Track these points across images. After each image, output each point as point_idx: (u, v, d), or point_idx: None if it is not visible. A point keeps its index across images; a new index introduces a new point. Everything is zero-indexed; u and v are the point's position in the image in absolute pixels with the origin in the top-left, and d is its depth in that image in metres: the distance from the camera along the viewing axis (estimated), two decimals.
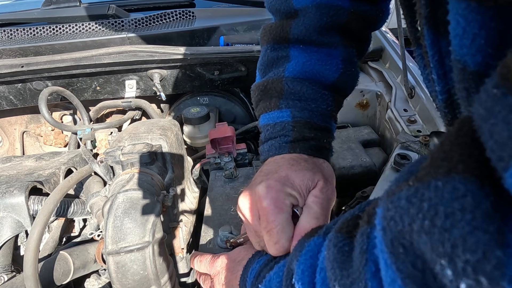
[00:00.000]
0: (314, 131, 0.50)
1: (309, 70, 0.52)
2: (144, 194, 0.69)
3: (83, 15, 1.40)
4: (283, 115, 0.51)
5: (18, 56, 1.21)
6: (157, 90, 1.16)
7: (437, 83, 0.33)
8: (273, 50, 0.54)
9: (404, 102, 0.98)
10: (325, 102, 0.52)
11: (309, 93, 0.51)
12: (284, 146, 0.50)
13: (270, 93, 0.52)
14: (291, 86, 0.51)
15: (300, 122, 0.50)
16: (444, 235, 0.20)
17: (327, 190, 0.46)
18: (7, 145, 1.39)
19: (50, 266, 0.71)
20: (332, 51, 0.53)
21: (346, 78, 0.54)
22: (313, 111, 0.51)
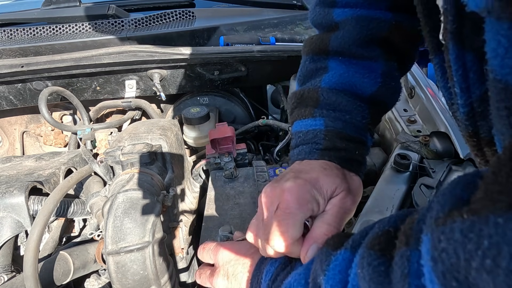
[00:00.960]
0: (346, 142, 0.50)
1: (346, 81, 0.51)
2: (144, 194, 0.69)
3: (83, 15, 1.40)
4: (316, 124, 0.51)
5: (18, 56, 1.21)
6: (157, 90, 1.16)
7: (459, 97, 0.33)
8: (312, 61, 0.54)
9: (404, 102, 0.98)
10: (361, 114, 0.52)
11: (344, 104, 0.51)
12: (314, 152, 0.50)
13: (306, 101, 0.52)
14: (326, 96, 0.51)
15: (332, 131, 0.50)
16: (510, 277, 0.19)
17: (347, 201, 0.46)
18: (7, 145, 1.39)
19: (50, 266, 0.71)
20: (372, 64, 0.52)
21: (385, 92, 0.53)
22: (347, 122, 0.51)
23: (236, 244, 0.54)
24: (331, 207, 0.45)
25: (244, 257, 0.51)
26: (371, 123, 0.54)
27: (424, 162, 0.76)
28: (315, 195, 0.44)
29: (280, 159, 1.11)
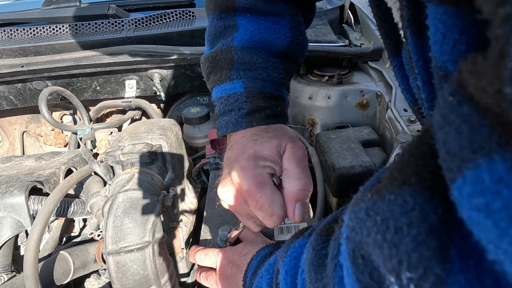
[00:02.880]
0: (267, 100, 0.50)
1: (258, 38, 0.51)
2: (144, 194, 0.69)
3: (83, 15, 1.40)
4: (235, 87, 0.50)
5: (18, 56, 1.21)
6: (157, 90, 1.16)
7: (422, 90, 0.31)
8: (219, 19, 0.53)
9: (404, 102, 0.98)
10: (276, 70, 0.52)
11: (260, 62, 0.50)
12: (241, 121, 0.49)
13: (220, 64, 0.51)
14: (240, 55, 0.50)
15: (253, 92, 0.49)
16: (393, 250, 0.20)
17: (297, 149, 0.47)
18: (7, 145, 1.39)
19: (50, 266, 0.71)
20: (280, 20, 0.52)
21: (295, 47, 0.54)
22: (265, 80, 0.51)
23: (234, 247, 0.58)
24: (288, 162, 0.46)
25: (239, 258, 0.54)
26: (286, 78, 0.54)
27: None
28: (263, 164, 0.45)
29: None
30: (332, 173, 0.85)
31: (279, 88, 0.52)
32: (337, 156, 0.87)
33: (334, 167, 0.85)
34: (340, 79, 1.11)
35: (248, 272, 0.49)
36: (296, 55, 0.56)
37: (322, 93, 1.09)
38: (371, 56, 1.19)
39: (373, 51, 1.18)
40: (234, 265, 0.54)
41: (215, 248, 0.61)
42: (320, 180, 0.82)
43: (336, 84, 1.11)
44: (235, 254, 0.56)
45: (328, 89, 1.09)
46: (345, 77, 1.15)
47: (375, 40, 1.24)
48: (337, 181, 0.84)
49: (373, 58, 1.19)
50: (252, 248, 0.54)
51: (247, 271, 0.50)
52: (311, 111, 1.12)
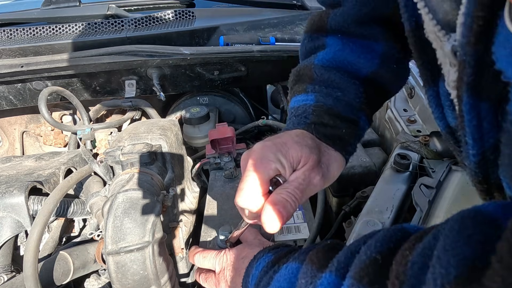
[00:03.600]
0: (334, 119, 0.48)
1: (340, 60, 0.50)
2: (144, 194, 0.69)
3: (83, 15, 1.40)
4: (308, 99, 0.50)
5: (18, 56, 1.21)
6: (157, 90, 1.16)
7: (471, 147, 0.31)
8: (310, 40, 0.53)
9: (404, 102, 0.98)
10: (354, 93, 0.50)
11: (337, 81, 0.49)
12: (301, 123, 0.49)
13: (302, 78, 0.52)
14: (319, 73, 0.50)
15: (321, 106, 0.48)
16: None
17: (313, 175, 0.44)
18: (7, 145, 1.39)
19: (50, 266, 0.71)
20: (371, 44, 0.50)
21: (385, 74, 0.52)
22: (338, 99, 0.49)
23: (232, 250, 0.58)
24: (294, 179, 0.43)
25: (237, 261, 0.55)
26: (367, 104, 0.52)
27: (424, 162, 0.76)
28: (279, 157, 0.43)
29: None
30: None
31: (354, 111, 0.50)
32: None
33: None
34: None
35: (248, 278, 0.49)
36: (385, 82, 0.53)
37: None
38: None
39: None
40: (232, 268, 0.55)
41: (214, 250, 0.61)
42: None
43: None
44: (233, 257, 0.56)
45: None
46: None
47: None
48: (337, 181, 0.84)
49: None
50: (250, 252, 0.54)
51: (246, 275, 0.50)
52: None
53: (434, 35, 0.33)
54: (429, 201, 0.65)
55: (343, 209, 0.79)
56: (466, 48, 0.27)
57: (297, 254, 0.44)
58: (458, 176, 0.68)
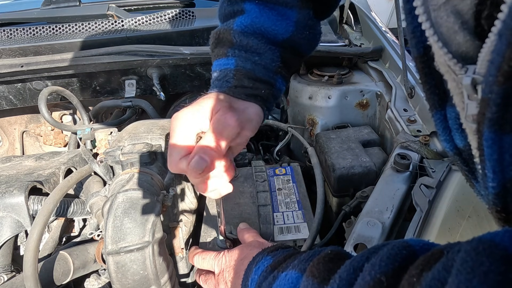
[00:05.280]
0: (252, 81, 0.53)
1: (258, 26, 0.54)
2: (144, 194, 0.69)
3: (83, 15, 1.40)
4: (228, 63, 0.54)
5: (18, 56, 1.21)
6: (157, 90, 1.16)
7: (491, 180, 0.31)
8: (229, 4, 0.56)
9: (404, 102, 0.98)
10: (270, 57, 0.55)
11: (255, 47, 0.54)
12: (223, 86, 0.54)
13: (223, 42, 0.55)
14: (238, 39, 0.54)
15: (241, 70, 0.53)
16: None
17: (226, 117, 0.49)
18: (7, 145, 1.39)
19: (50, 266, 0.71)
20: (286, 11, 0.54)
21: (299, 40, 0.56)
22: (256, 63, 0.54)
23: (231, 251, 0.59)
24: (211, 124, 0.49)
25: (236, 263, 0.55)
26: (283, 67, 0.56)
27: (424, 162, 0.76)
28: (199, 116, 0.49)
29: (280, 159, 1.11)
30: (332, 173, 0.85)
31: (271, 74, 0.55)
32: (337, 156, 0.87)
33: (334, 167, 0.85)
34: (340, 79, 1.11)
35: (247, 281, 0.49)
36: (299, 48, 0.57)
37: (322, 93, 1.09)
38: (371, 56, 1.19)
39: (373, 51, 1.18)
40: (231, 270, 0.55)
41: (213, 252, 0.62)
42: (320, 180, 0.82)
43: (336, 84, 1.11)
44: (232, 258, 0.57)
45: (328, 89, 1.09)
46: (345, 77, 1.15)
47: (375, 40, 1.24)
48: (337, 181, 0.84)
49: (373, 58, 1.19)
50: (249, 253, 0.54)
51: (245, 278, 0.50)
52: (311, 111, 1.12)
53: (447, 68, 0.32)
54: (429, 201, 0.65)
55: (343, 209, 0.79)
56: (493, 87, 0.26)
57: (296, 261, 0.43)
58: (458, 176, 0.68)
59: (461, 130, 0.36)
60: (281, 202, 0.82)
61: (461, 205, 0.63)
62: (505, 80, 0.25)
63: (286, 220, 0.77)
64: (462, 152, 0.37)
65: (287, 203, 0.82)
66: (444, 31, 0.30)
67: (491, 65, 0.26)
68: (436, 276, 0.26)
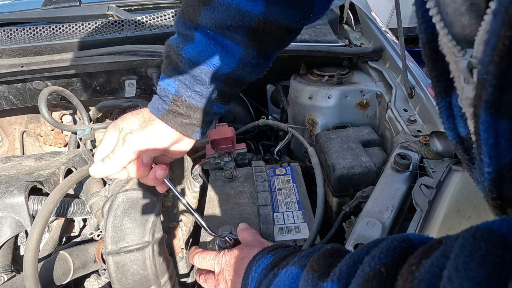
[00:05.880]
0: (188, 110, 0.59)
1: (203, 59, 0.57)
2: (144, 194, 0.69)
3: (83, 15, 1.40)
4: (170, 85, 0.59)
5: (18, 56, 1.21)
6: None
7: (487, 164, 0.31)
8: (182, 25, 0.57)
9: (404, 102, 0.98)
10: (211, 88, 0.59)
11: (197, 77, 0.57)
12: (159, 110, 0.60)
13: (171, 59, 0.59)
14: (184, 65, 0.57)
15: (179, 99, 0.58)
16: None
17: None
18: (7, 145, 1.39)
19: (50, 266, 0.71)
20: (233, 46, 0.56)
21: (241, 73, 0.59)
22: (195, 92, 0.58)
23: (231, 250, 0.59)
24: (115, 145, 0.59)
25: (236, 262, 0.56)
26: (222, 96, 0.61)
27: (424, 162, 0.76)
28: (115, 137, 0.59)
29: (280, 159, 1.11)
30: (332, 173, 0.85)
31: (207, 103, 0.60)
32: (337, 156, 0.87)
33: (334, 167, 0.85)
34: (340, 79, 1.11)
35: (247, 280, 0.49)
36: (241, 79, 0.60)
37: (322, 93, 1.09)
38: (371, 56, 1.19)
39: (373, 51, 1.18)
40: (231, 269, 0.55)
41: (213, 251, 0.62)
42: (320, 180, 0.82)
43: (336, 84, 1.11)
44: (232, 258, 0.57)
45: (328, 89, 1.09)
46: (345, 77, 1.15)
47: (375, 40, 1.24)
48: (337, 181, 0.84)
49: (373, 58, 1.19)
50: (249, 252, 0.54)
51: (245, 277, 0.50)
52: (311, 111, 1.12)
53: (449, 50, 0.32)
54: (429, 201, 0.65)
55: (343, 209, 0.79)
56: (489, 67, 0.26)
57: (296, 258, 0.43)
58: (458, 176, 0.68)
59: (465, 118, 0.36)
60: (281, 202, 0.82)
61: (461, 205, 0.63)
62: (500, 60, 0.25)
63: (286, 220, 0.77)
64: (464, 141, 0.37)
65: (287, 203, 0.82)
66: (449, 11, 0.30)
67: (487, 46, 0.26)
68: (434, 263, 0.26)
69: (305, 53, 1.15)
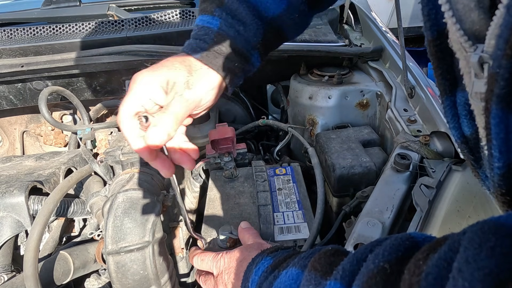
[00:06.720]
0: (230, 50, 0.52)
1: None
2: (144, 194, 0.69)
3: (83, 15, 1.40)
4: (212, 22, 0.53)
5: (18, 56, 1.21)
6: None
7: (497, 159, 0.31)
8: None
9: (404, 102, 0.98)
10: (254, 31, 0.53)
11: (243, 15, 0.52)
12: (197, 50, 0.52)
13: None
14: (230, 1, 0.52)
15: (222, 35, 0.52)
16: None
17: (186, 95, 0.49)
18: (7, 145, 1.39)
19: (50, 266, 0.71)
20: None
21: (286, 21, 0.55)
22: (239, 33, 0.52)
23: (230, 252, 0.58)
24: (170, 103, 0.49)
25: (235, 264, 0.55)
26: (263, 44, 0.55)
27: (424, 162, 0.76)
28: (153, 87, 0.48)
29: (280, 159, 1.11)
30: (332, 173, 0.85)
31: (249, 47, 0.54)
32: (337, 156, 0.87)
33: (334, 167, 0.85)
34: (340, 79, 1.11)
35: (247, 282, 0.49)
36: (284, 29, 0.56)
37: (322, 93, 1.09)
38: (371, 56, 1.19)
39: (373, 51, 1.18)
40: (231, 271, 0.55)
41: (212, 253, 0.61)
42: (320, 180, 0.82)
43: (336, 84, 1.11)
44: (231, 260, 0.56)
45: (328, 89, 1.09)
46: (345, 77, 1.15)
47: (375, 40, 1.24)
48: (337, 181, 0.84)
49: (373, 58, 1.19)
50: (248, 254, 0.54)
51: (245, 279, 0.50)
52: (311, 111, 1.12)
53: (459, 45, 0.32)
54: (429, 201, 0.65)
55: (343, 209, 0.79)
56: (501, 61, 0.26)
57: (297, 259, 0.43)
58: (458, 176, 0.68)
59: (469, 117, 0.36)
60: (281, 202, 0.82)
61: (461, 205, 0.63)
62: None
63: (286, 220, 0.77)
64: (469, 141, 0.38)
65: (287, 203, 0.82)
66: (460, 7, 0.31)
67: (499, 39, 0.26)
68: (442, 256, 0.26)
69: (305, 53, 1.15)
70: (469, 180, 0.65)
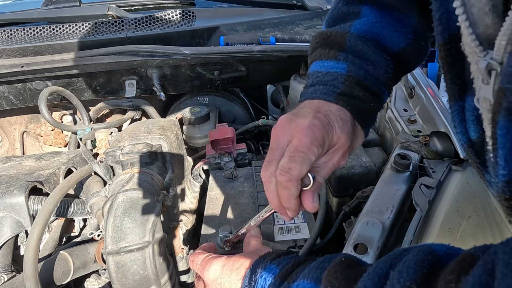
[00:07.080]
0: (363, 91, 0.48)
1: (377, 32, 0.50)
2: (144, 194, 0.69)
3: (83, 15, 1.40)
4: (339, 67, 0.49)
5: (18, 56, 1.21)
6: (157, 90, 1.16)
7: (502, 167, 0.31)
8: (345, 4, 0.52)
9: (404, 102, 0.98)
10: (384, 68, 0.50)
11: (370, 54, 0.49)
12: (330, 94, 0.47)
13: (331, 43, 0.50)
14: (353, 43, 0.49)
15: (353, 77, 0.48)
16: None
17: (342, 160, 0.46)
18: (7, 145, 1.39)
19: (50, 266, 0.71)
20: (404, 19, 0.50)
21: (413, 51, 0.52)
22: (369, 73, 0.49)
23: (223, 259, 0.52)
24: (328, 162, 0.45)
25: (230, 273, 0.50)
26: (392, 79, 0.52)
27: (424, 162, 0.76)
28: (325, 141, 0.43)
29: None
30: (332, 173, 0.85)
31: (381, 85, 0.51)
32: None
33: None
34: None
35: None
36: (411, 59, 0.53)
37: None
38: None
39: None
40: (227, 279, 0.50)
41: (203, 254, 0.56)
42: None
43: None
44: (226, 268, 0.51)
45: None
46: None
47: None
48: (337, 181, 0.84)
49: None
50: (245, 261, 0.49)
51: None
52: None
53: (471, 50, 0.32)
54: (429, 201, 0.65)
55: (343, 209, 0.79)
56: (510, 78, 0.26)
57: (307, 270, 0.40)
58: (458, 176, 0.68)
59: (476, 122, 0.36)
60: None
61: (461, 205, 0.63)
62: None
63: (286, 220, 0.77)
64: (475, 145, 0.38)
65: None
66: (475, 11, 0.30)
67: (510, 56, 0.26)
68: (477, 280, 0.26)
69: (305, 53, 1.15)
70: (469, 180, 0.65)
